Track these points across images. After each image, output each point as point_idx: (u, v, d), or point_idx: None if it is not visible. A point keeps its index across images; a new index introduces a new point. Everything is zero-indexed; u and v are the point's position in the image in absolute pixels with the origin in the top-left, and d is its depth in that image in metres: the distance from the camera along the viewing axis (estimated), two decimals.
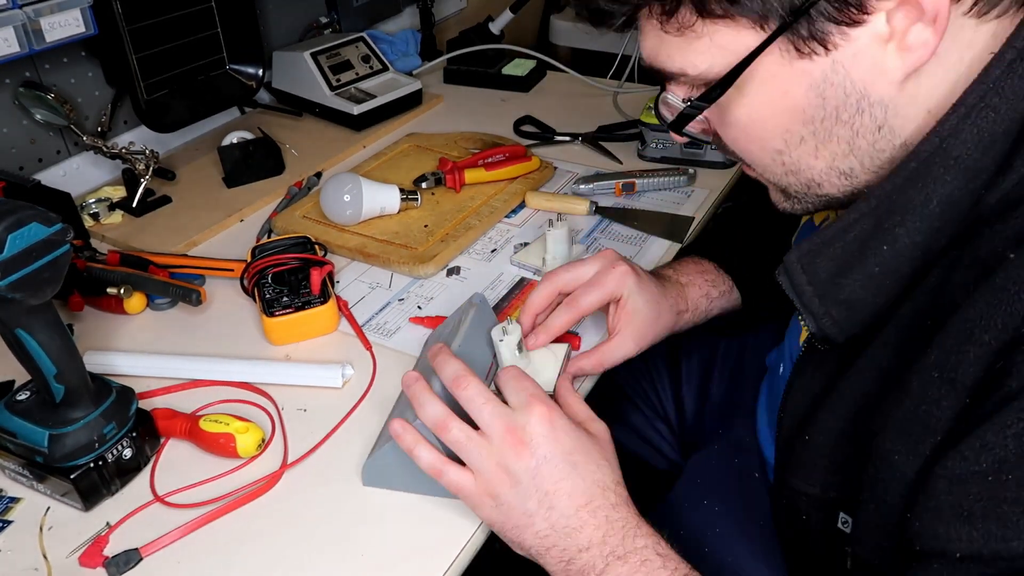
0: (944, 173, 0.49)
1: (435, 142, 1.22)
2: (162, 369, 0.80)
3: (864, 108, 0.51)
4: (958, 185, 0.49)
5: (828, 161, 0.54)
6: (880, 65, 0.49)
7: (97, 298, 0.88)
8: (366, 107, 1.26)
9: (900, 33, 0.47)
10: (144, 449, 0.70)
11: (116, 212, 1.07)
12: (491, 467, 0.59)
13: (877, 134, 0.52)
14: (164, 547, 0.63)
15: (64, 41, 0.94)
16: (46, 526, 0.66)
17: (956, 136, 0.48)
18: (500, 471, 0.59)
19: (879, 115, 0.51)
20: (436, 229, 1.00)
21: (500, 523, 0.60)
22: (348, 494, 0.68)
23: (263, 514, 0.66)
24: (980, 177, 0.48)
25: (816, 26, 0.47)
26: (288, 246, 0.91)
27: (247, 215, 1.09)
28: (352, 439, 0.73)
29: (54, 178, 1.10)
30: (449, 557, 0.62)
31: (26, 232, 0.56)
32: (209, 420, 0.71)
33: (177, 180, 1.15)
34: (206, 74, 1.24)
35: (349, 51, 1.33)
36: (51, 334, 0.62)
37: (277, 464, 0.70)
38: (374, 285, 0.93)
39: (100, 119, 1.13)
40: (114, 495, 0.68)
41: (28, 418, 0.65)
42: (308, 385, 0.79)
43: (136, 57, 1.11)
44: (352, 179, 1.00)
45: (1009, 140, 0.47)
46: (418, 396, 0.63)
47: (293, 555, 0.63)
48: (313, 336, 0.85)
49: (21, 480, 0.69)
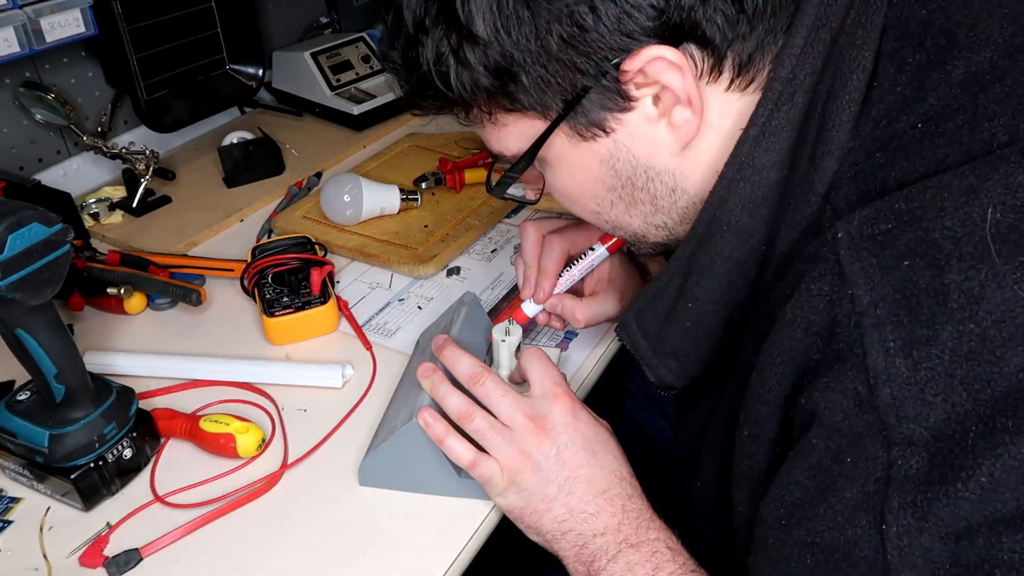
0: (720, 237, 0.54)
1: (435, 142, 1.22)
2: (162, 369, 0.80)
3: (653, 176, 0.56)
4: (736, 246, 0.54)
5: (641, 219, 0.60)
6: (656, 141, 0.54)
7: (97, 298, 0.89)
8: (366, 107, 1.26)
9: (667, 113, 0.53)
10: (144, 449, 0.70)
11: (116, 212, 1.07)
12: (514, 454, 0.61)
13: (673, 195, 0.57)
14: (164, 547, 0.63)
15: (64, 41, 0.94)
16: (46, 526, 0.66)
17: (724, 204, 0.53)
18: (523, 457, 0.61)
19: (668, 181, 0.56)
20: (436, 229, 1.00)
21: (519, 509, 0.62)
22: (348, 494, 0.68)
23: (263, 514, 0.66)
24: (754, 237, 0.53)
25: (592, 115, 0.53)
26: (288, 246, 0.91)
27: (247, 215, 1.09)
28: (352, 439, 0.73)
29: (54, 178, 1.10)
30: (449, 557, 0.62)
31: (26, 232, 0.56)
32: (209, 420, 0.71)
33: (177, 180, 1.16)
34: (206, 74, 1.24)
35: (349, 51, 1.33)
36: (51, 334, 0.62)
37: (277, 464, 0.71)
38: (374, 285, 0.93)
39: (100, 119, 1.13)
40: (114, 495, 0.68)
41: (28, 418, 0.65)
42: (308, 385, 0.79)
43: (136, 57, 1.11)
44: (352, 179, 1.00)
45: (768, 204, 0.52)
46: (438, 387, 0.64)
47: (293, 555, 0.63)
48: (313, 336, 0.85)
49: (21, 480, 0.69)
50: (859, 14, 0.49)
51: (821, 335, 0.45)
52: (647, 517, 0.59)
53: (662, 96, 0.52)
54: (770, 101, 0.50)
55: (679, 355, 0.61)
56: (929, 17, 0.49)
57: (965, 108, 0.46)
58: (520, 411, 0.62)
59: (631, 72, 0.50)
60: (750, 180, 0.52)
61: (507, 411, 0.62)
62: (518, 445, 0.61)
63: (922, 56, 0.48)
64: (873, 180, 0.47)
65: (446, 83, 0.54)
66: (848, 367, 0.42)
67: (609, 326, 0.84)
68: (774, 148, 0.51)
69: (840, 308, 0.43)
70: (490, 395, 0.63)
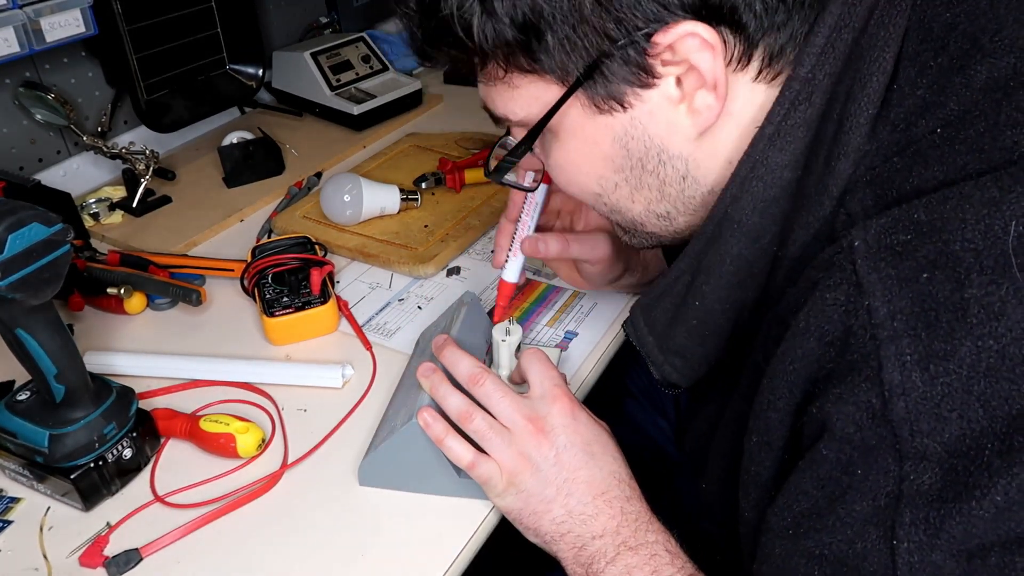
0: (731, 236, 0.53)
1: (435, 142, 1.22)
2: (162, 369, 0.80)
3: (665, 160, 0.55)
4: (745, 246, 0.53)
5: (644, 205, 0.59)
6: (674, 124, 0.53)
7: (97, 298, 0.89)
8: (366, 107, 1.26)
9: (689, 96, 0.52)
10: (144, 449, 0.70)
11: (116, 212, 1.07)
12: (513, 455, 0.61)
13: (683, 183, 0.56)
14: (164, 547, 0.63)
15: (64, 41, 0.94)
16: (46, 526, 0.66)
17: (736, 203, 0.52)
18: (522, 459, 0.61)
19: (680, 167, 0.55)
20: (436, 229, 1.00)
21: (518, 510, 0.61)
22: (348, 494, 0.68)
23: (263, 514, 0.66)
24: (764, 237, 0.53)
25: (612, 87, 0.52)
26: (288, 246, 0.91)
27: (247, 215, 1.09)
28: (352, 439, 0.73)
29: (54, 178, 1.10)
30: (449, 557, 0.62)
31: (26, 232, 0.56)
32: (209, 420, 0.71)
33: (177, 180, 1.16)
34: (206, 74, 1.24)
35: (349, 51, 1.33)
36: (51, 334, 0.62)
37: (277, 464, 0.71)
38: (374, 285, 0.93)
39: (100, 119, 1.13)
40: (114, 495, 0.68)
41: (28, 418, 0.65)
42: (308, 385, 0.79)
43: (136, 57, 1.11)
44: (352, 179, 1.00)
45: (780, 205, 0.51)
46: (438, 388, 0.64)
47: (293, 555, 0.63)
48: (313, 336, 0.85)
49: (21, 480, 0.69)
50: (882, 15, 0.49)
51: (835, 345, 0.44)
52: (646, 519, 0.59)
53: (686, 79, 0.51)
54: (787, 100, 0.50)
55: (685, 353, 0.61)
56: (953, 20, 0.48)
57: (986, 115, 0.45)
58: (519, 412, 0.61)
59: (661, 46, 0.49)
60: (763, 179, 0.51)
61: (506, 412, 0.62)
62: (517, 446, 0.61)
63: (944, 60, 0.47)
64: (890, 185, 0.46)
65: (468, 32, 0.51)
66: (862, 379, 0.42)
67: (609, 327, 0.85)
68: (789, 148, 0.50)
69: (856, 319, 0.43)
70: (489, 396, 0.62)
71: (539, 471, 0.60)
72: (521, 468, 0.61)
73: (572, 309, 0.87)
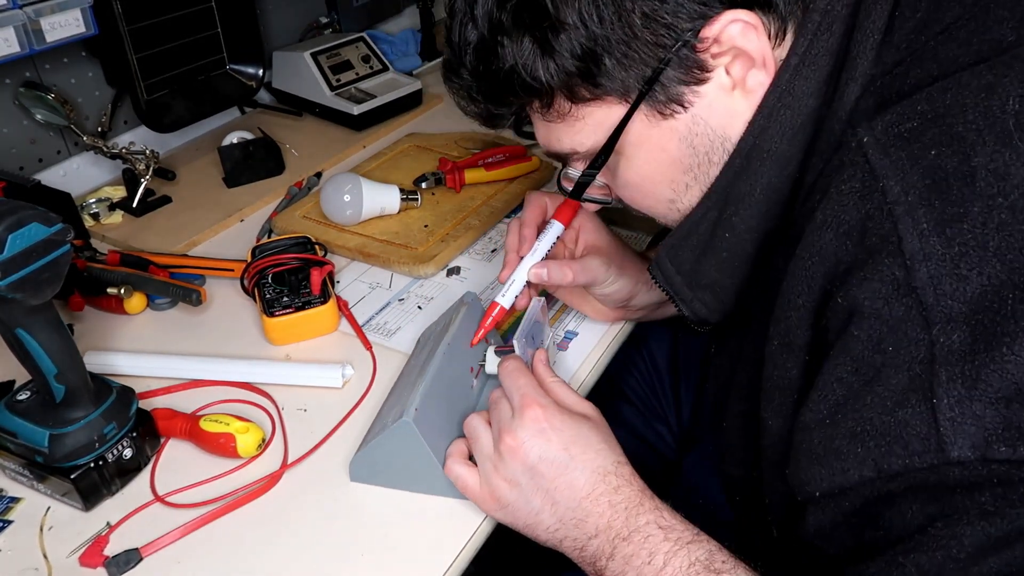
0: (760, 165, 0.56)
1: (435, 142, 1.22)
2: (162, 369, 0.80)
3: (728, 149, 0.58)
4: (774, 174, 0.56)
5: None
6: (732, 110, 0.56)
7: (97, 298, 0.89)
8: (366, 107, 1.26)
9: (740, 80, 0.55)
10: (144, 449, 0.70)
11: (116, 212, 1.07)
12: (491, 473, 0.62)
13: None
14: (164, 547, 0.63)
15: (64, 41, 0.94)
16: (46, 526, 0.66)
17: (764, 133, 0.55)
18: (498, 478, 0.62)
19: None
20: (436, 229, 1.00)
21: (511, 523, 0.62)
22: (348, 494, 0.68)
23: (263, 514, 0.66)
24: (791, 164, 0.55)
25: (671, 91, 0.55)
26: (288, 246, 0.91)
27: (247, 215, 1.09)
28: (352, 439, 0.73)
29: (54, 178, 1.10)
30: (450, 557, 0.62)
31: (26, 232, 0.56)
32: (209, 420, 0.71)
33: (177, 180, 1.16)
34: (206, 74, 1.24)
35: (349, 51, 1.33)
36: (51, 334, 0.62)
37: (277, 464, 0.71)
38: (374, 285, 0.93)
39: (100, 119, 1.13)
40: (114, 495, 0.68)
41: (28, 418, 0.65)
42: (308, 385, 0.79)
43: (136, 57, 1.11)
44: (352, 179, 1.00)
45: (805, 131, 0.54)
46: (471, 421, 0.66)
47: (293, 555, 0.63)
48: (313, 336, 0.85)
49: (21, 480, 0.69)
50: None
51: (852, 235, 0.46)
52: (636, 503, 0.58)
53: (734, 65, 0.54)
54: (809, 31, 0.53)
55: (715, 287, 0.63)
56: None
57: (976, 17, 0.49)
58: (495, 435, 0.63)
59: (709, 39, 0.53)
60: (790, 107, 0.54)
61: (484, 440, 0.63)
62: (492, 464, 0.62)
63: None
64: (890, 90, 0.50)
65: (534, 75, 0.55)
66: (884, 256, 0.44)
67: (609, 328, 0.85)
68: (813, 76, 0.53)
69: (871, 202, 0.45)
70: (473, 429, 0.65)
71: (518, 486, 0.61)
72: (500, 486, 0.61)
73: (572, 309, 0.86)
